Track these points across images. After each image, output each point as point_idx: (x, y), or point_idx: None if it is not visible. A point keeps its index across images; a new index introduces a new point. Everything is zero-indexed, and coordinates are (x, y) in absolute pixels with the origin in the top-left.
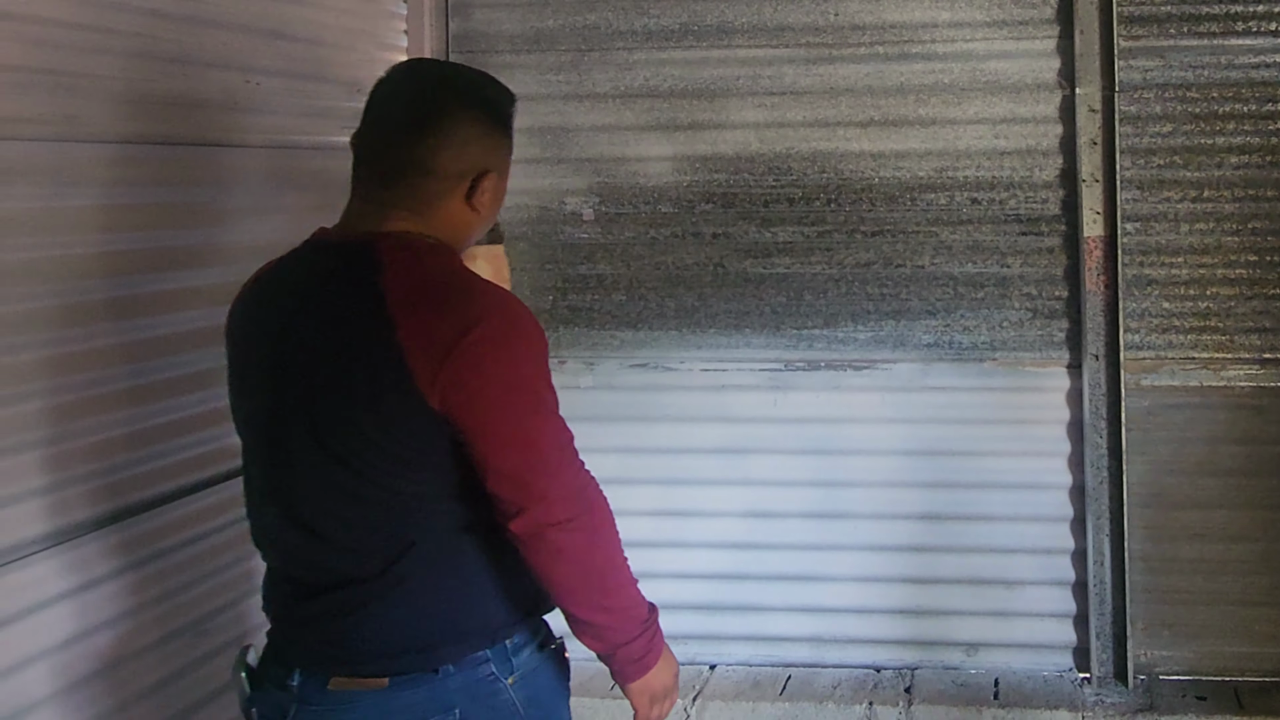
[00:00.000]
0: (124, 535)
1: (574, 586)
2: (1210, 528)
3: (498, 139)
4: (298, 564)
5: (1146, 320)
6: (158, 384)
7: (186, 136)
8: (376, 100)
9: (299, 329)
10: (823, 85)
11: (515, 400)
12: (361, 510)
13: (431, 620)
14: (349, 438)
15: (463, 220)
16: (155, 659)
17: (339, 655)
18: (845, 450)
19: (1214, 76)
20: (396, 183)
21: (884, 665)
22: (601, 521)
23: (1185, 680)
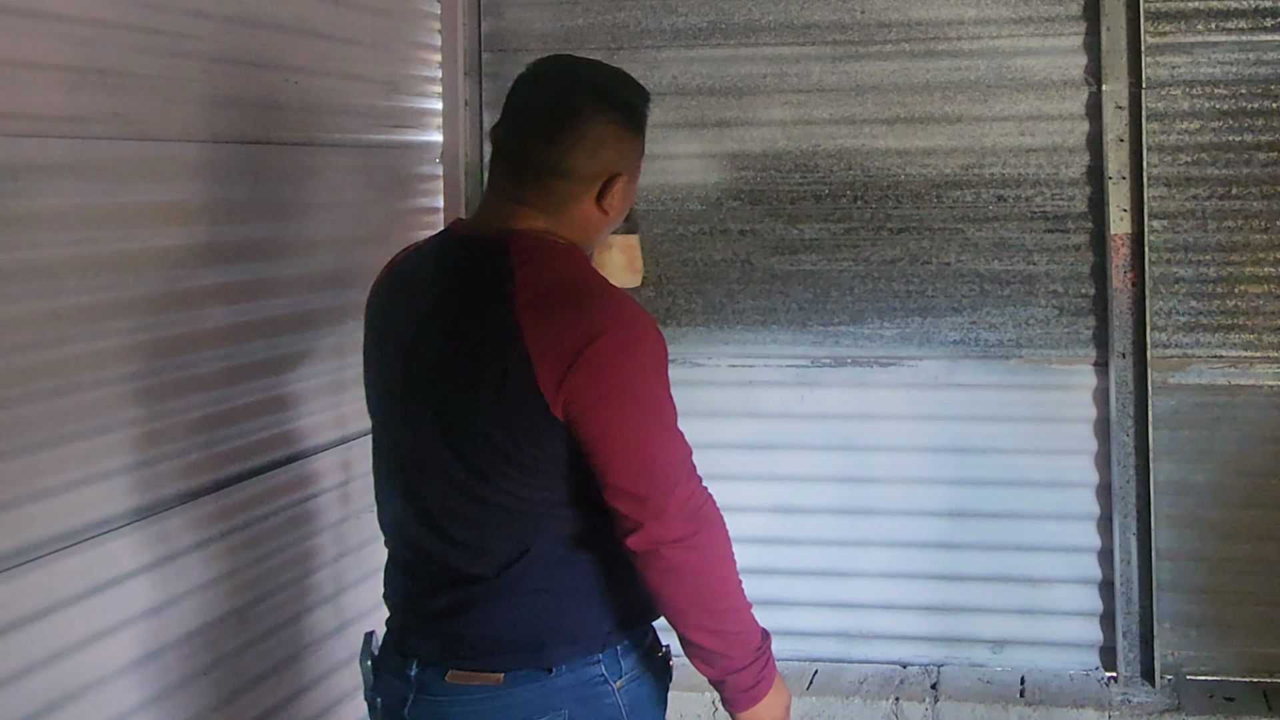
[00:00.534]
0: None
1: (686, 607)
2: (1238, 527)
3: (631, 141)
4: (421, 557)
5: (1174, 318)
6: (188, 378)
7: (229, 134)
8: (516, 97)
9: (431, 325)
10: (849, 83)
11: (636, 413)
12: (482, 511)
13: (545, 621)
14: (473, 439)
15: (593, 221)
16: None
17: (457, 649)
18: (871, 447)
19: (1242, 73)
20: (530, 182)
21: (910, 661)
22: (717, 542)
23: (1213, 680)
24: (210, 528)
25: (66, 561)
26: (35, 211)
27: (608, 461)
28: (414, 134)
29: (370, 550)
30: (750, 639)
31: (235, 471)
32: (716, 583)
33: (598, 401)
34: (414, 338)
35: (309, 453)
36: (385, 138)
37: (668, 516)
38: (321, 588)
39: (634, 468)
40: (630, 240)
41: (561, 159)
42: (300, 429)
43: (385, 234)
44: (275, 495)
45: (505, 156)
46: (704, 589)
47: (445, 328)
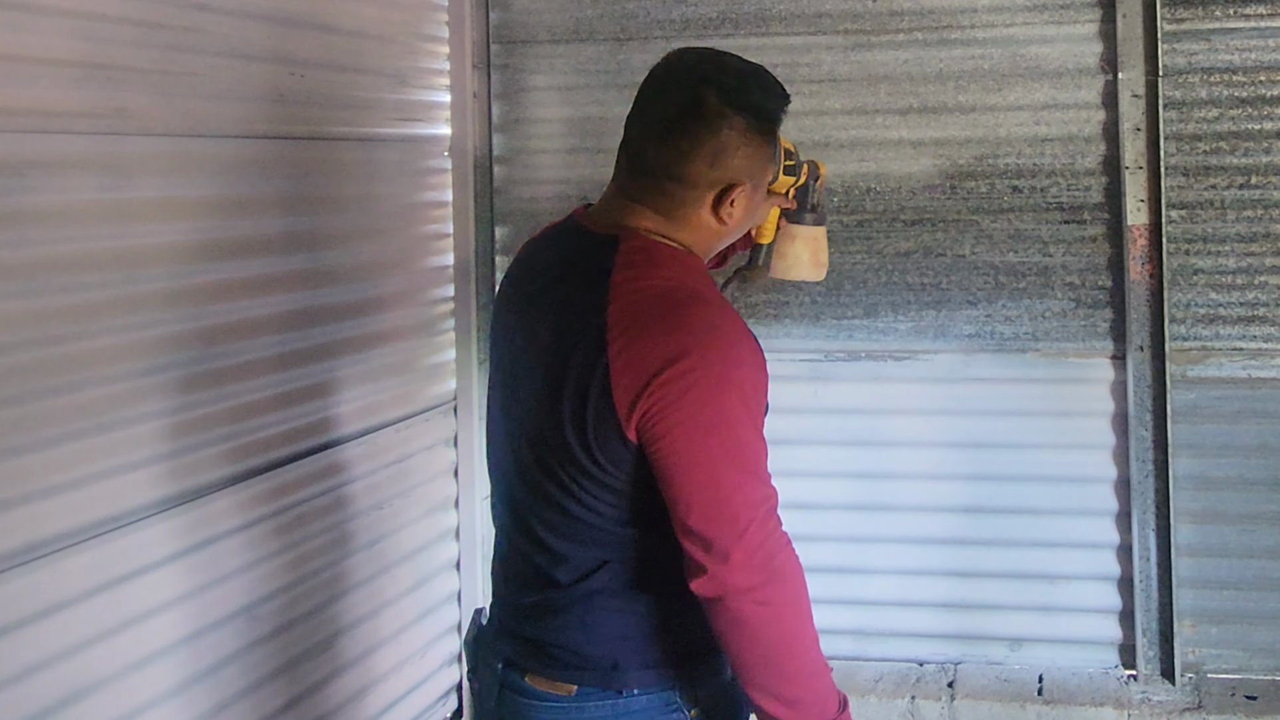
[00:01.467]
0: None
1: (751, 664)
2: (1260, 522)
3: (758, 147)
4: (513, 551)
5: (1192, 310)
6: (210, 371)
7: (233, 129)
8: (645, 89)
9: (533, 317)
10: (861, 72)
11: (712, 447)
12: (562, 519)
13: (619, 642)
14: (553, 445)
15: (710, 230)
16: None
17: (534, 653)
18: (886, 442)
19: (1261, 60)
20: (645, 181)
21: (926, 659)
22: (789, 598)
23: (1234, 678)
24: (242, 515)
25: (103, 548)
26: (43, 207)
27: (677, 495)
28: (422, 127)
29: (405, 535)
30: (823, 708)
31: (263, 461)
32: (785, 644)
33: (672, 430)
34: (523, 333)
35: (334, 443)
36: (393, 131)
37: (733, 563)
38: (356, 573)
39: (702, 506)
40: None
41: (676, 163)
42: (324, 420)
43: (394, 227)
44: (303, 484)
45: (628, 150)
46: (771, 649)
47: (545, 323)
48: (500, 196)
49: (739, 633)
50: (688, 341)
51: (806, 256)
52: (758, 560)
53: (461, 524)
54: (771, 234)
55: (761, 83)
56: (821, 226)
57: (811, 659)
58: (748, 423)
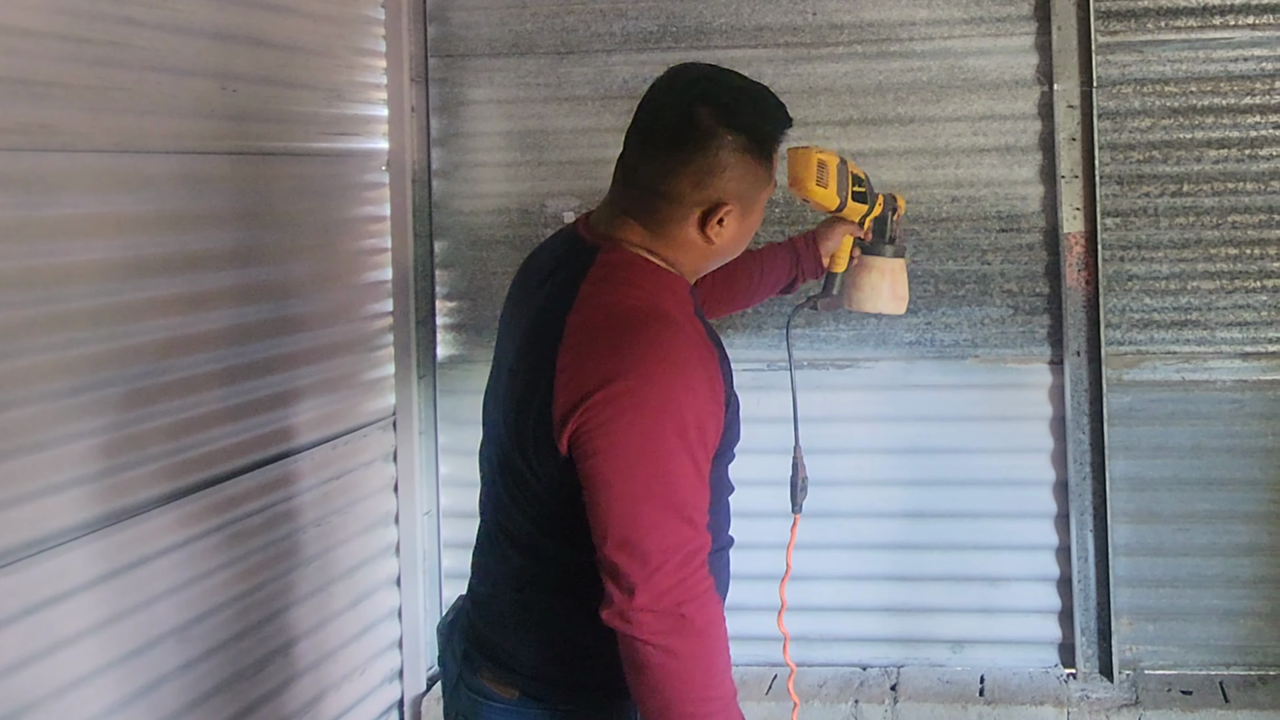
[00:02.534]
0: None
1: (649, 710)
2: (1194, 521)
3: (751, 168)
4: (485, 545)
5: (1128, 315)
6: (136, 390)
7: (163, 144)
8: (643, 104)
9: (520, 316)
10: (801, 85)
11: (636, 477)
12: (514, 520)
13: (553, 656)
14: (507, 447)
15: (697, 248)
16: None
17: (486, 652)
18: (828, 449)
19: (1192, 70)
20: (633, 194)
21: (870, 663)
22: (694, 651)
23: (1171, 674)
24: (178, 533)
25: (31, 570)
26: None
27: (595, 519)
28: (359, 141)
29: (343, 551)
30: None
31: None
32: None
33: (599, 450)
34: (509, 326)
35: (264, 462)
36: (329, 145)
37: (637, 604)
38: (294, 591)
39: (618, 537)
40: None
41: (663, 179)
42: (259, 436)
43: (330, 242)
44: (241, 501)
45: (621, 163)
46: (670, 699)
47: (524, 323)
48: (439, 211)
49: (638, 675)
50: (630, 364)
51: (885, 288)
52: (664, 605)
53: (402, 539)
54: (844, 263)
55: (758, 103)
56: (901, 259)
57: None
58: (683, 458)
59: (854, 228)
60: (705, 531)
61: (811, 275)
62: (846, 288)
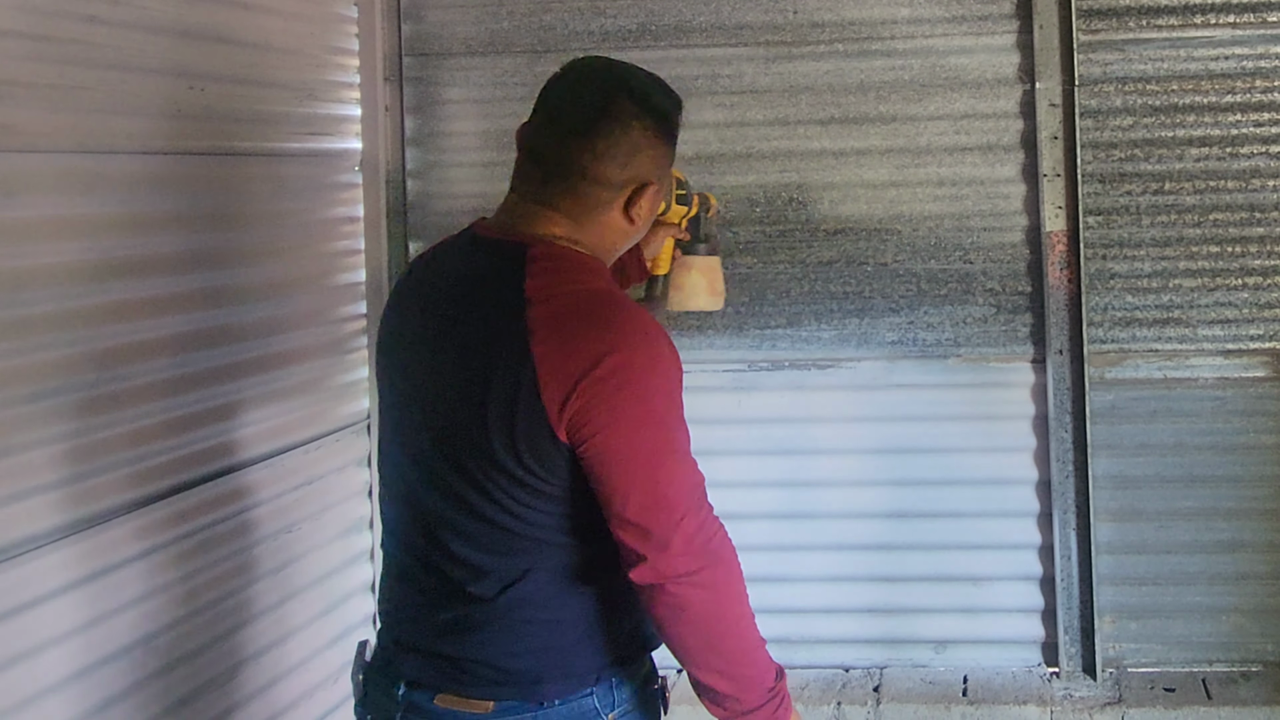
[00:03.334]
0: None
1: (694, 646)
2: (1176, 519)
3: (663, 149)
4: (422, 566)
5: (1110, 314)
6: (105, 395)
7: (128, 145)
8: (546, 97)
9: (443, 329)
10: (783, 83)
11: (645, 440)
12: (484, 529)
13: (542, 654)
14: (477, 454)
15: (618, 230)
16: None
17: (449, 672)
18: (810, 450)
19: (1173, 69)
20: (560, 185)
21: (852, 665)
22: (727, 579)
23: (1154, 672)
24: (146, 541)
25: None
26: None
27: (613, 490)
28: (331, 141)
29: (314, 559)
30: (763, 679)
31: (162, 488)
32: (726, 623)
33: (605, 427)
34: (427, 346)
35: (236, 468)
36: (301, 145)
37: (673, 551)
38: (260, 600)
39: (640, 497)
40: (712, 262)
41: (595, 164)
42: (224, 444)
43: (302, 244)
44: (210, 508)
45: (535, 157)
46: (713, 629)
47: (457, 334)
48: (414, 211)
49: (681, 618)
50: (615, 340)
51: (703, 286)
52: (696, 545)
53: (375, 546)
54: (667, 265)
55: (662, 88)
56: (716, 256)
57: (750, 635)
58: (675, 413)
59: (675, 229)
60: (700, 471)
61: (636, 279)
62: (668, 288)
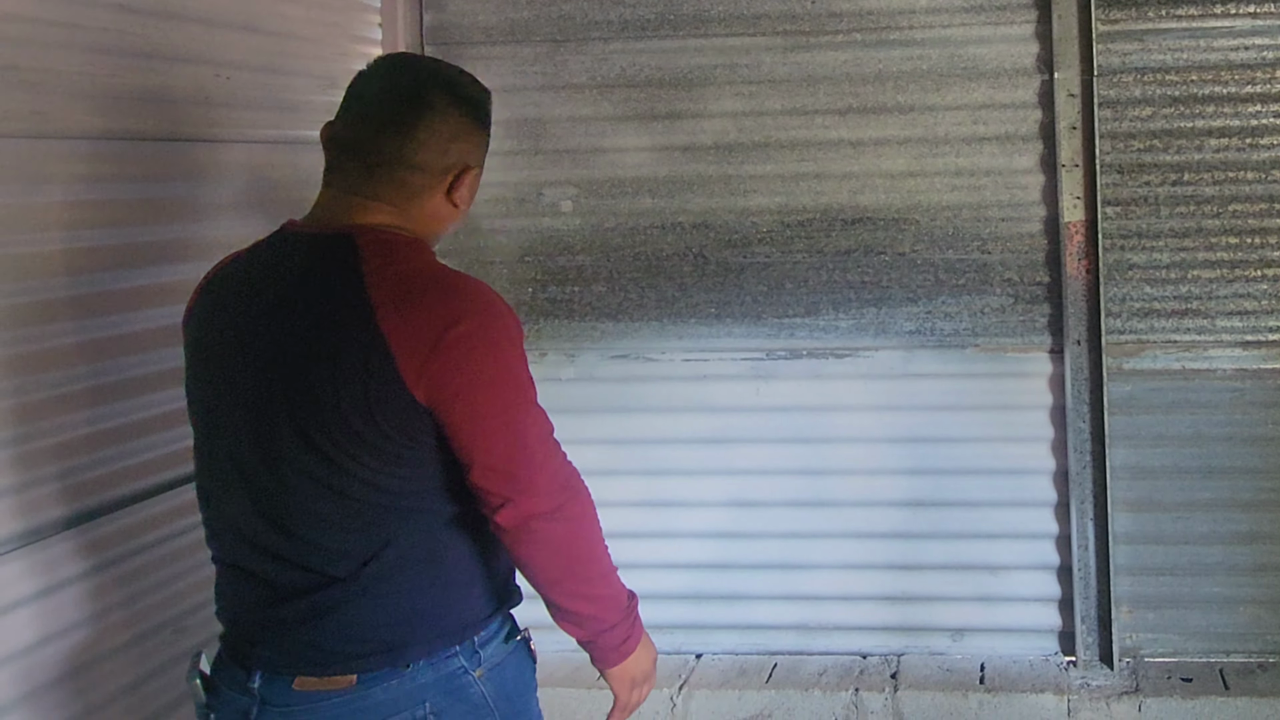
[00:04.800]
0: (92, 535)
1: (558, 576)
2: (1194, 510)
3: (479, 135)
4: (267, 562)
5: (1128, 304)
6: (125, 382)
7: (155, 132)
8: (359, 93)
9: (276, 324)
10: (800, 73)
11: (500, 393)
12: (341, 507)
13: (406, 620)
14: (334, 431)
15: (442, 214)
16: (125, 661)
17: (307, 655)
18: (828, 438)
19: (1192, 59)
20: (382, 176)
21: (870, 652)
22: (585, 510)
23: (1171, 662)
24: (99, 554)
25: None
26: None
27: (474, 441)
28: None
29: None
30: (618, 599)
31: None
32: (586, 550)
33: (464, 386)
34: (256, 338)
35: None
36: None
37: (537, 490)
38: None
39: (502, 445)
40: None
41: (416, 152)
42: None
43: None
44: (171, 519)
45: (352, 151)
46: (575, 558)
47: (294, 326)
48: None
49: (546, 551)
50: (461, 306)
51: None
52: (557, 484)
53: None
54: None
55: (472, 79)
56: None
57: (606, 561)
58: (522, 367)
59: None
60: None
61: None
62: None
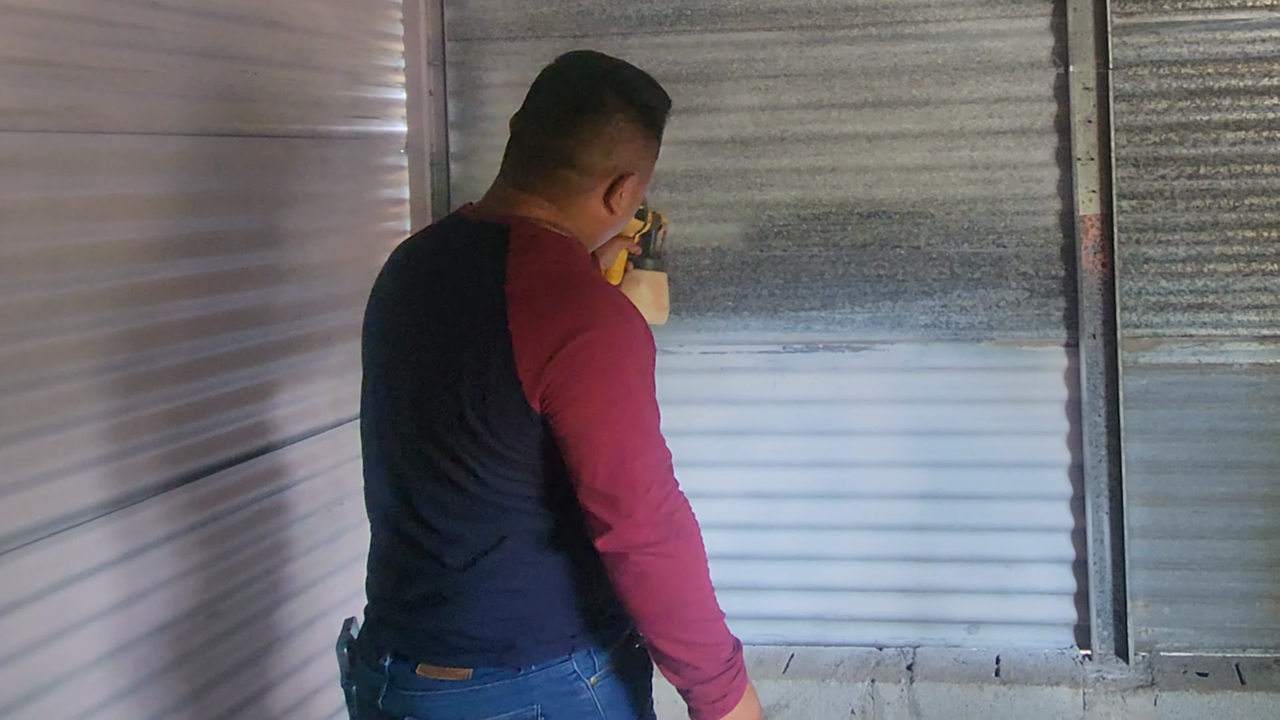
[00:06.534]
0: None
1: (654, 615)
2: (1210, 504)
3: (646, 142)
4: (401, 542)
5: (1144, 298)
6: (156, 371)
7: (185, 126)
8: (538, 86)
9: (423, 305)
10: (817, 68)
11: (615, 414)
12: (458, 499)
13: (515, 621)
14: (451, 424)
15: (599, 219)
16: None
17: (427, 644)
18: (844, 431)
19: (1209, 52)
20: (541, 171)
21: (886, 644)
22: (688, 550)
23: (1186, 656)
24: (181, 520)
25: (35, 555)
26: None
27: (581, 460)
28: (377, 124)
29: (343, 542)
30: (720, 650)
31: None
32: (686, 593)
33: (577, 399)
34: (407, 317)
35: (278, 445)
36: (348, 128)
37: (637, 520)
38: (294, 580)
39: (607, 468)
40: (659, 278)
41: (575, 151)
42: (269, 421)
43: (349, 225)
44: (247, 487)
45: (520, 144)
46: (673, 598)
47: (436, 308)
48: (458, 193)
49: (642, 586)
50: (589, 316)
51: (650, 300)
52: (659, 517)
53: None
54: (619, 277)
55: (649, 83)
56: (663, 273)
57: (708, 607)
58: (645, 391)
59: (629, 243)
60: (668, 448)
61: None
62: None
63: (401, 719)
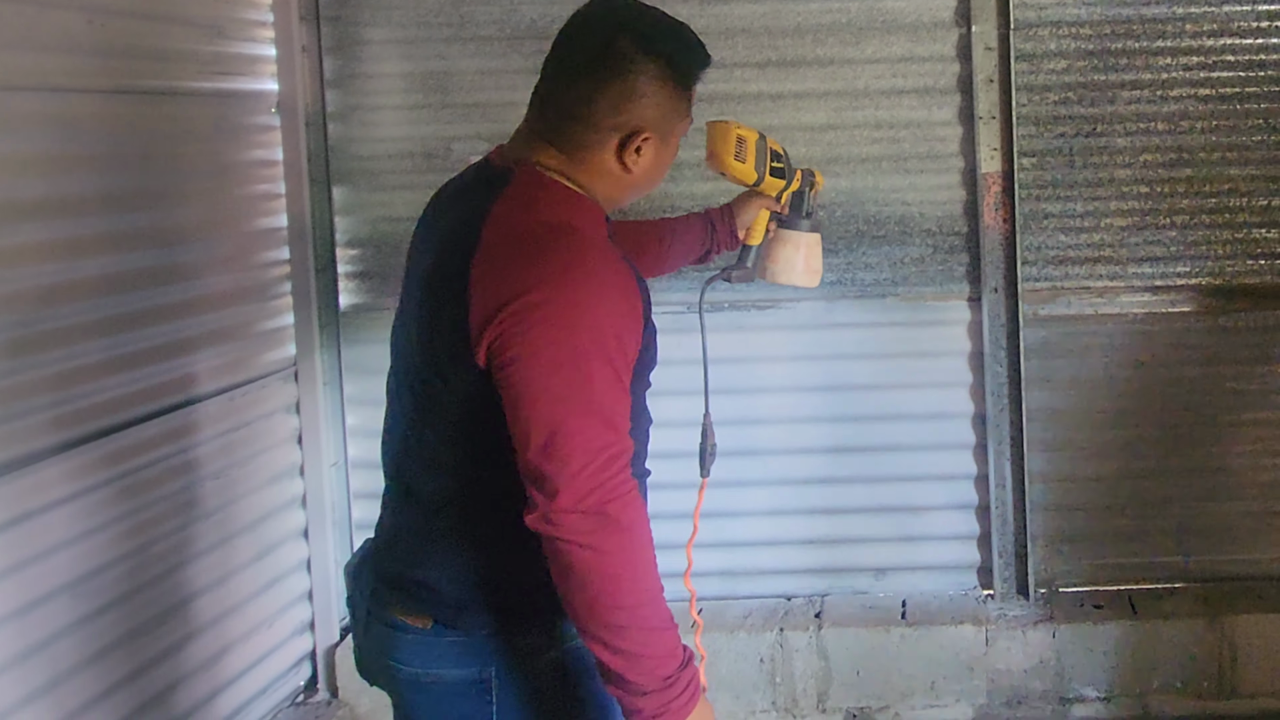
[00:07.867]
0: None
1: (578, 612)
2: (1105, 448)
3: (668, 97)
4: (389, 478)
5: (1043, 252)
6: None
7: (22, 81)
8: (563, 32)
9: (424, 244)
10: (719, 25)
11: (556, 384)
12: (422, 447)
13: (471, 583)
14: (418, 367)
15: (614, 176)
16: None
17: (397, 587)
18: (752, 389)
19: (1106, 14)
20: (550, 120)
21: (795, 594)
22: (622, 548)
23: (1083, 591)
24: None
25: None
26: None
27: (516, 425)
28: (244, 82)
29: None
30: (657, 666)
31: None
32: (615, 595)
33: (518, 358)
34: (416, 256)
35: (161, 412)
36: (211, 85)
37: (561, 504)
38: (204, 538)
39: (540, 442)
40: (811, 239)
41: (578, 104)
42: (153, 386)
43: (217, 187)
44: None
45: (538, 90)
46: (597, 598)
47: (433, 247)
48: (336, 155)
49: (566, 578)
50: (544, 275)
51: (800, 262)
52: (587, 505)
53: (308, 491)
54: (759, 237)
55: (678, 34)
56: (816, 234)
57: (644, 614)
58: (601, 365)
59: (770, 202)
60: (627, 436)
61: (726, 247)
62: (761, 260)
63: (378, 656)
